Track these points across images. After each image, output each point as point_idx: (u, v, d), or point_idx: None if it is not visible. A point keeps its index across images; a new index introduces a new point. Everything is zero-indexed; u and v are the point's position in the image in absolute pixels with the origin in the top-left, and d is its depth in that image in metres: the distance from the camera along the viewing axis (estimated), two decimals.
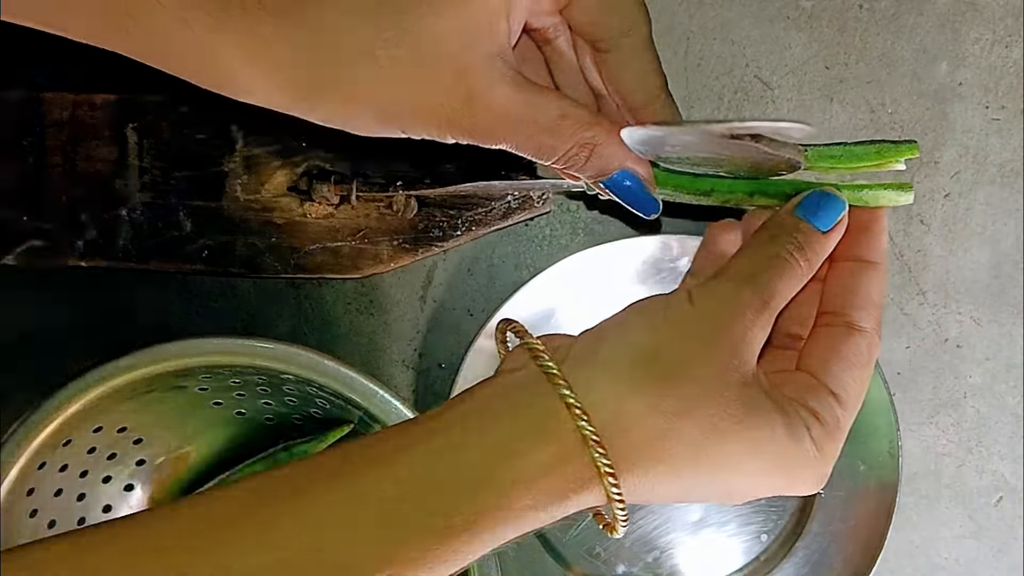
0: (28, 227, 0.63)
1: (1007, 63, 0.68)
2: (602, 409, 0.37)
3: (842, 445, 0.40)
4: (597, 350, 0.39)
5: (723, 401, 0.37)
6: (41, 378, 0.68)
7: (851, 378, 0.40)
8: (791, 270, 0.40)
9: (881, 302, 0.42)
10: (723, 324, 0.38)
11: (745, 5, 0.67)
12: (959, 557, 0.71)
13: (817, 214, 0.42)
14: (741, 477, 0.38)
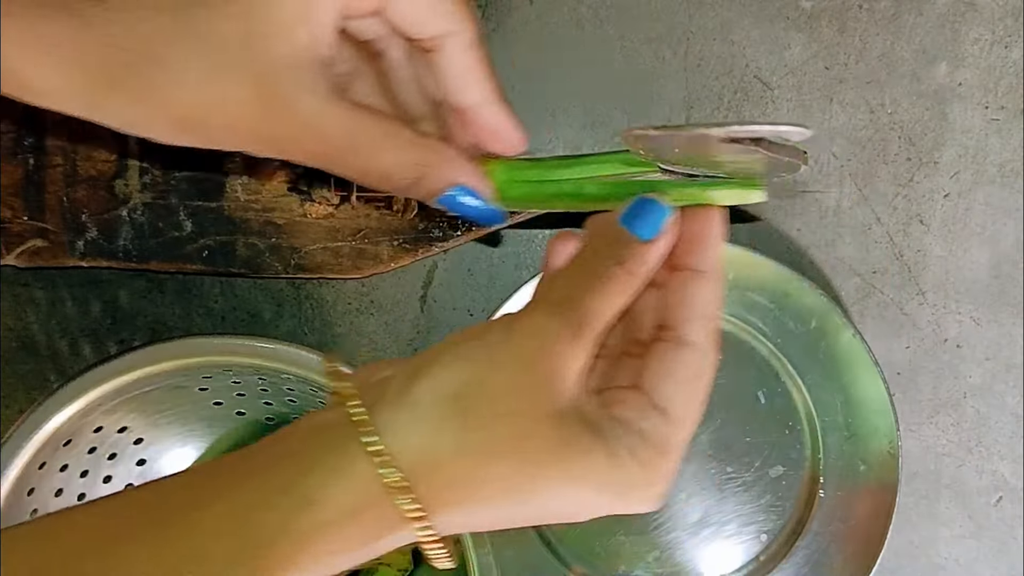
0: (29, 227, 0.63)
1: (1007, 63, 0.68)
2: (407, 452, 0.36)
3: (676, 461, 0.39)
4: (408, 389, 0.37)
5: (535, 438, 0.36)
6: (41, 378, 0.69)
7: (679, 394, 0.39)
8: (611, 287, 0.39)
9: (716, 313, 0.41)
10: (533, 358, 0.37)
11: (745, 5, 0.67)
12: (959, 557, 0.71)
13: (638, 222, 0.40)
14: (562, 505, 0.37)
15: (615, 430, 0.37)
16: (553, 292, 0.39)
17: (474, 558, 0.56)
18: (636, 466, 0.37)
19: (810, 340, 0.67)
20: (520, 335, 0.37)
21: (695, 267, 0.40)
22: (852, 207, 0.69)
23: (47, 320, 0.68)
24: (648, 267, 0.40)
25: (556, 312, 0.38)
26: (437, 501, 0.36)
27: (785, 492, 0.69)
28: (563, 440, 0.36)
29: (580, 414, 0.37)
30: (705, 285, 0.40)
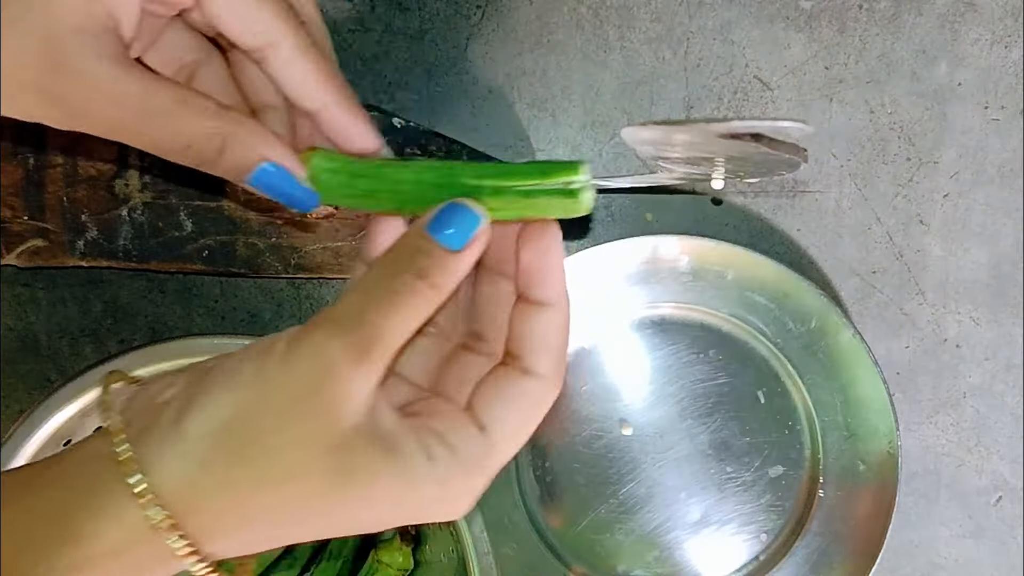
0: (29, 227, 0.63)
1: (1006, 63, 0.68)
2: (174, 489, 0.34)
3: (484, 481, 0.38)
4: (179, 419, 0.35)
5: (310, 469, 0.35)
6: (41, 378, 0.69)
7: (509, 418, 0.38)
8: (408, 303, 0.36)
9: (563, 343, 0.39)
10: (310, 385, 0.35)
11: (745, 5, 0.67)
12: (958, 557, 0.71)
13: (447, 231, 0.37)
14: (346, 526, 0.36)
15: (414, 446, 0.36)
16: (340, 307, 0.36)
17: (474, 558, 0.56)
18: (434, 485, 0.36)
19: (810, 340, 0.67)
20: (298, 358, 0.35)
21: (538, 299, 0.39)
22: (852, 207, 0.69)
23: (48, 320, 0.68)
24: (454, 279, 0.37)
25: (340, 332, 0.35)
26: (208, 535, 0.35)
27: (785, 492, 0.69)
28: (343, 471, 0.35)
29: (368, 436, 0.35)
30: (551, 317, 0.38)
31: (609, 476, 0.69)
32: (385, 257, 0.38)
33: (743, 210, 0.69)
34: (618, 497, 0.69)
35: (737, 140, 0.36)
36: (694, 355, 0.68)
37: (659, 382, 0.69)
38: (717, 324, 0.68)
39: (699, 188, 0.68)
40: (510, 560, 0.68)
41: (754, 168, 0.42)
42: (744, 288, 0.66)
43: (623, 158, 0.68)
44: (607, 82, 0.68)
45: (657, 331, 0.68)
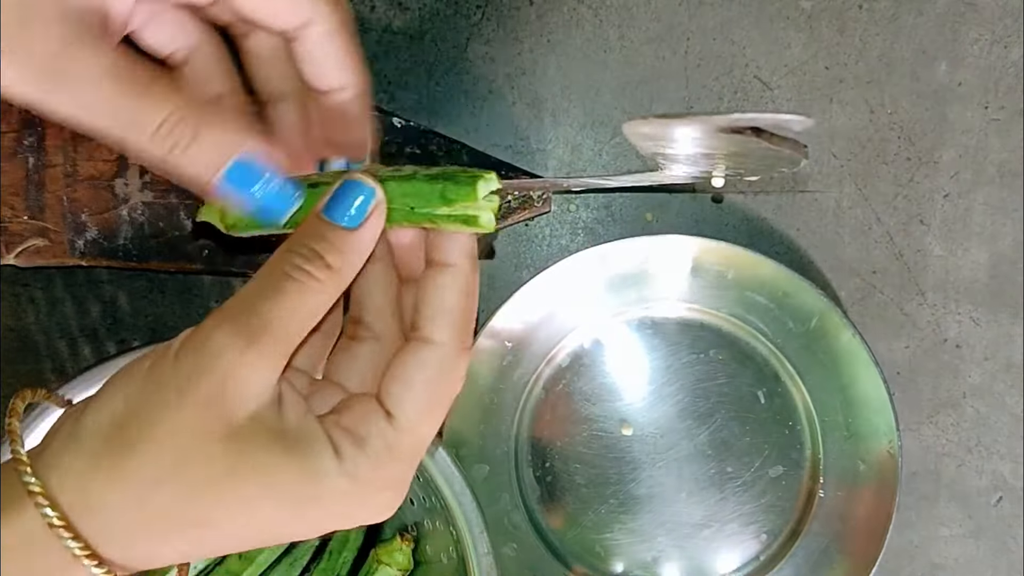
0: (29, 226, 0.63)
1: (1006, 63, 0.68)
2: (68, 490, 0.34)
3: (401, 470, 0.36)
4: (76, 422, 0.35)
5: (202, 460, 0.34)
6: (41, 378, 0.68)
7: (413, 397, 0.36)
8: (298, 289, 0.35)
9: (463, 308, 0.37)
10: (198, 375, 0.34)
11: (745, 5, 0.67)
12: (958, 557, 0.71)
13: (339, 209, 0.36)
14: (254, 529, 0.35)
15: (321, 444, 0.35)
16: (232, 299, 0.35)
17: (474, 558, 0.56)
18: (343, 480, 0.35)
19: (810, 340, 0.67)
20: (185, 350, 0.34)
21: (440, 260, 0.37)
22: (852, 207, 0.69)
23: (47, 320, 0.68)
24: (354, 260, 0.36)
25: (226, 321, 0.34)
26: (106, 536, 0.34)
27: (785, 492, 0.69)
28: (238, 460, 0.34)
29: (269, 430, 0.35)
30: (451, 278, 0.37)
31: (609, 476, 0.69)
32: (282, 245, 0.37)
33: (743, 210, 0.69)
34: (618, 497, 0.69)
35: (738, 135, 0.36)
36: (694, 355, 0.68)
37: (659, 382, 0.69)
38: (717, 324, 0.68)
39: (699, 187, 0.68)
40: (510, 560, 0.67)
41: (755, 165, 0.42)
42: (744, 288, 0.66)
43: (623, 158, 0.68)
44: (607, 82, 0.68)
45: (657, 331, 0.68)
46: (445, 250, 0.37)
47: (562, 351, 0.68)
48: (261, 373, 0.34)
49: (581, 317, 0.67)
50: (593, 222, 0.69)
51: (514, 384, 0.68)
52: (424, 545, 0.64)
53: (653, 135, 0.39)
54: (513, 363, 0.67)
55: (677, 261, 0.66)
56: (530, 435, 0.69)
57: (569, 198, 0.68)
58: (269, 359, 0.35)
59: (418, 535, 0.65)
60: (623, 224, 0.69)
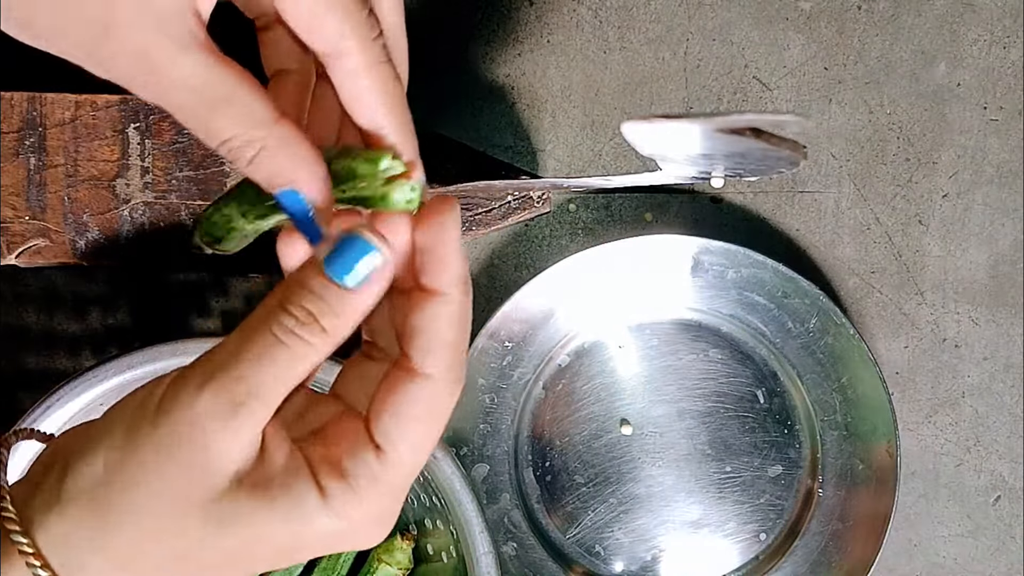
0: (30, 227, 0.63)
1: (1005, 64, 0.68)
2: (54, 552, 0.33)
3: (388, 503, 0.35)
4: (60, 479, 0.34)
5: (183, 526, 0.33)
6: (43, 378, 0.69)
7: (401, 433, 0.35)
8: (288, 354, 0.33)
9: (456, 340, 0.35)
10: (176, 442, 0.33)
11: (744, 6, 0.67)
12: (957, 556, 0.71)
13: (341, 266, 0.34)
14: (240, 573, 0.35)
15: (304, 485, 0.34)
16: (218, 353, 0.34)
17: (474, 558, 0.56)
18: (329, 519, 0.34)
19: (809, 340, 0.67)
20: (165, 412, 0.33)
21: (430, 286, 0.35)
22: (851, 207, 0.69)
23: (47, 320, 0.68)
24: (348, 321, 0.34)
25: (210, 384, 0.33)
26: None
27: (784, 491, 0.69)
28: (221, 523, 0.33)
29: (249, 485, 0.34)
30: (441, 309, 0.35)
31: (609, 476, 0.69)
32: (271, 296, 0.35)
33: (742, 210, 0.69)
34: (618, 497, 0.69)
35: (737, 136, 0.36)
36: (693, 355, 0.69)
37: (659, 382, 0.69)
38: (716, 324, 0.68)
39: (699, 188, 0.68)
40: (510, 560, 0.68)
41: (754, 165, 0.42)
42: (743, 288, 0.67)
43: (623, 158, 0.68)
44: (607, 82, 0.68)
45: (657, 331, 0.68)
46: (435, 276, 0.35)
47: (562, 351, 0.68)
48: (245, 437, 0.33)
49: (581, 317, 0.68)
50: (593, 222, 0.69)
51: (514, 384, 0.68)
52: (424, 544, 0.64)
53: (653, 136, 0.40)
54: (513, 363, 0.67)
55: (676, 261, 0.66)
56: (530, 435, 0.69)
57: (569, 198, 0.69)
58: (254, 424, 0.33)
59: (418, 534, 0.65)
60: (623, 224, 0.69)
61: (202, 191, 0.63)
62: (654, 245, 0.65)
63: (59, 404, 0.56)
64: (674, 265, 0.66)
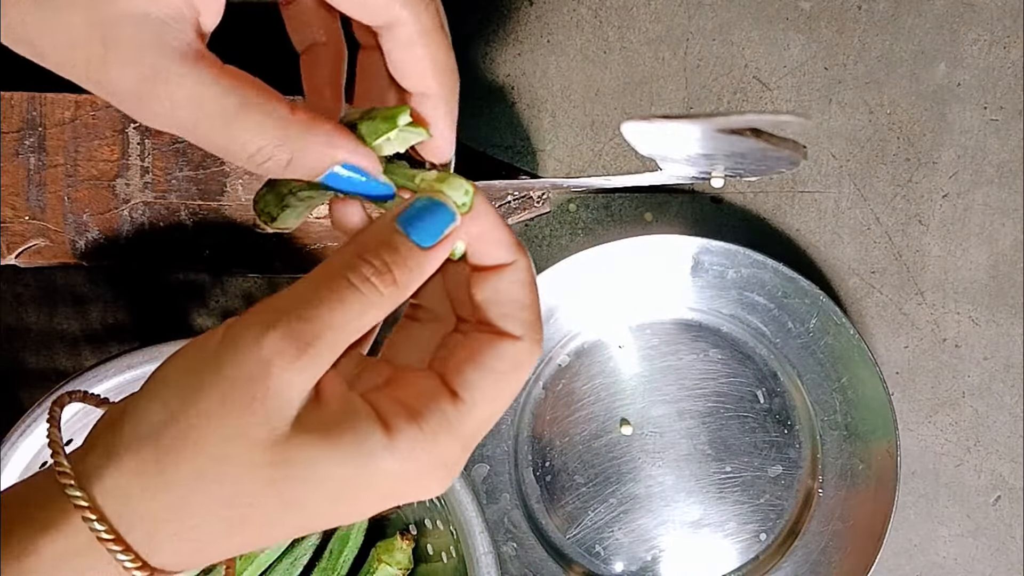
0: (30, 226, 0.63)
1: (1005, 64, 0.68)
2: (112, 502, 0.33)
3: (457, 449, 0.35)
4: (114, 430, 0.34)
5: (246, 467, 0.33)
6: (43, 377, 0.69)
7: (484, 382, 0.36)
8: (359, 300, 0.34)
9: (532, 300, 0.37)
10: (240, 381, 0.33)
11: (744, 6, 0.67)
12: (957, 556, 0.71)
13: (417, 225, 0.36)
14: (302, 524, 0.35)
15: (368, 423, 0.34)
16: (285, 296, 0.34)
17: (474, 557, 0.56)
18: (393, 457, 0.34)
19: (809, 340, 0.67)
20: (229, 352, 0.33)
21: (494, 262, 0.37)
22: (851, 207, 0.69)
23: (47, 320, 0.68)
24: (418, 277, 0.35)
25: (277, 325, 0.33)
26: (153, 546, 0.34)
27: (784, 491, 0.69)
28: (282, 465, 0.33)
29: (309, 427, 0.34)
30: (512, 277, 0.37)
31: (609, 476, 0.69)
32: (347, 246, 0.36)
33: (742, 210, 0.69)
34: (618, 497, 0.69)
35: (737, 136, 0.36)
36: (693, 355, 0.69)
37: (659, 382, 0.69)
38: (716, 324, 0.68)
39: (698, 188, 0.68)
40: (510, 560, 0.68)
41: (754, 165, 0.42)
42: (743, 288, 0.67)
43: (623, 158, 0.68)
44: (607, 82, 0.68)
45: (657, 331, 0.68)
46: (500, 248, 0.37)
47: (562, 351, 0.68)
48: (307, 380, 0.33)
49: (581, 317, 0.68)
50: (593, 222, 0.69)
51: None
52: (424, 544, 0.64)
53: (653, 136, 0.40)
54: None
55: (677, 261, 0.66)
56: (530, 435, 0.69)
57: (569, 198, 0.69)
58: (317, 368, 0.34)
59: (418, 534, 0.65)
60: (623, 224, 0.69)
61: (202, 191, 0.63)
62: (654, 245, 0.65)
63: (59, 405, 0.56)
64: (674, 265, 0.66)
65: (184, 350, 0.35)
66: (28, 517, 0.34)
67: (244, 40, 0.65)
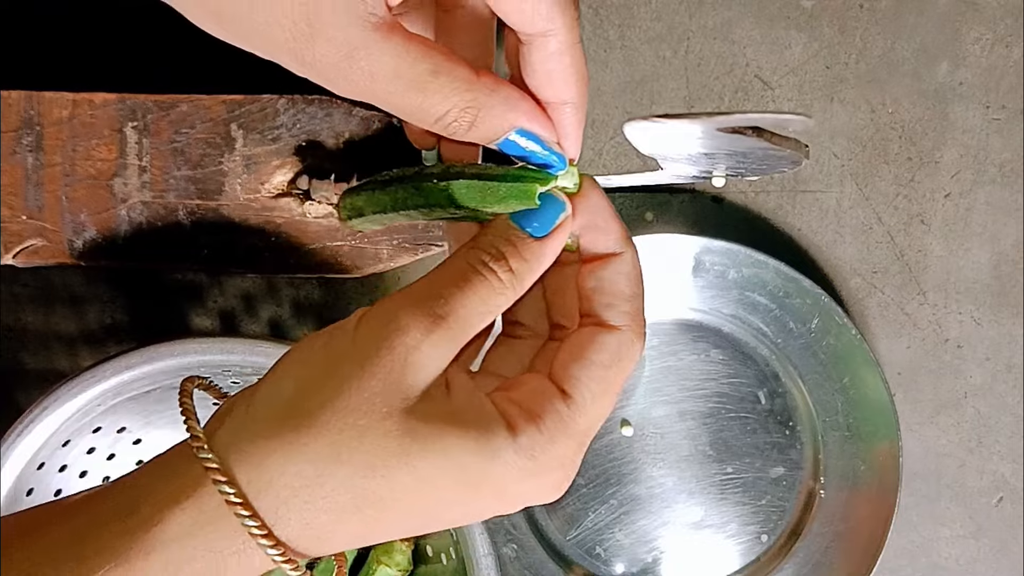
0: (27, 226, 0.63)
1: (1007, 63, 0.68)
2: (245, 468, 0.34)
3: (574, 448, 0.36)
4: (250, 401, 0.36)
5: (380, 434, 0.34)
6: (41, 378, 0.68)
7: (589, 377, 0.37)
8: (482, 284, 0.36)
9: (636, 292, 0.38)
10: (377, 351, 0.35)
11: (745, 5, 0.67)
12: (959, 557, 0.71)
13: (529, 218, 0.38)
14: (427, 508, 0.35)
15: (494, 419, 0.35)
16: (416, 284, 0.37)
17: (474, 559, 0.56)
18: (518, 456, 0.35)
19: (811, 340, 0.67)
20: (367, 326, 0.35)
21: (604, 250, 0.39)
22: (853, 207, 0.69)
23: (45, 320, 0.68)
24: (536, 266, 0.38)
25: (412, 303, 0.35)
26: (282, 516, 0.34)
27: (785, 492, 0.69)
28: (415, 436, 0.34)
29: (439, 408, 0.35)
30: (618, 266, 0.39)
31: (609, 476, 0.69)
32: (467, 243, 0.38)
33: (743, 210, 0.69)
34: (618, 497, 0.69)
35: (739, 135, 0.36)
36: (694, 355, 0.68)
37: (659, 382, 0.68)
38: (717, 324, 0.68)
39: (699, 187, 0.68)
40: (511, 562, 0.67)
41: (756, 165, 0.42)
42: (745, 288, 0.66)
43: (624, 158, 0.68)
44: (607, 82, 0.67)
45: (658, 331, 0.68)
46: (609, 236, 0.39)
47: None
48: (438, 356, 0.35)
49: None
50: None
51: None
52: (424, 546, 0.64)
53: (653, 135, 0.39)
54: None
55: (677, 261, 0.66)
56: None
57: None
58: (447, 344, 0.35)
59: (418, 536, 0.64)
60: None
61: (200, 190, 0.63)
62: (655, 245, 0.65)
63: (57, 404, 0.56)
64: (675, 265, 0.66)
65: (316, 334, 0.36)
66: (158, 490, 0.35)
67: None
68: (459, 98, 0.37)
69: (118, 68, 0.66)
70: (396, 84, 0.36)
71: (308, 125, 0.62)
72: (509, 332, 0.42)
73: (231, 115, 0.63)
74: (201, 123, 0.63)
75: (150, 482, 0.35)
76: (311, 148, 0.63)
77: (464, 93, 0.37)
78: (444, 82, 0.37)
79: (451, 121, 0.37)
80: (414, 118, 0.38)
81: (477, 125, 0.38)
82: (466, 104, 0.37)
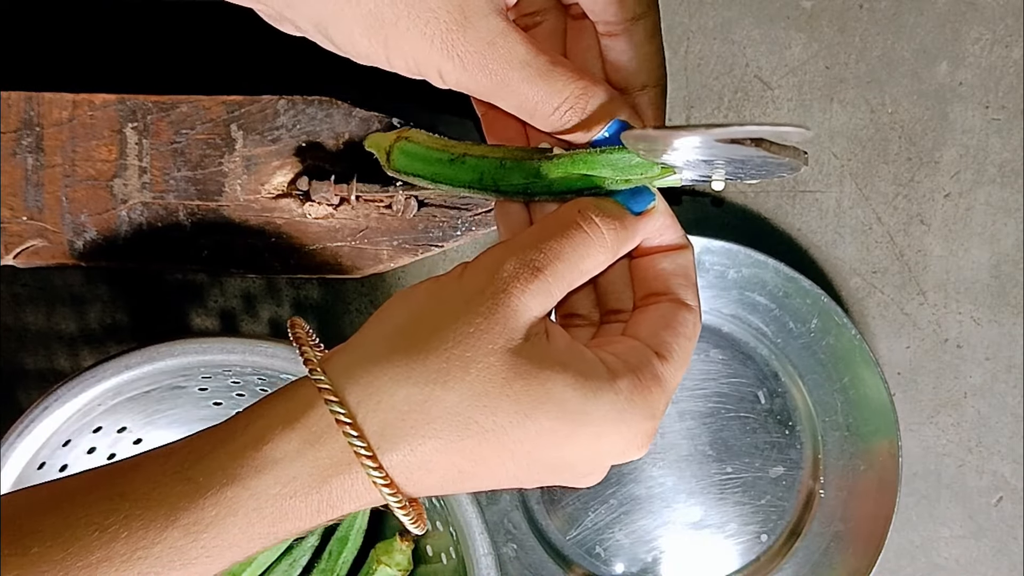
0: (28, 227, 0.63)
1: (1007, 63, 0.67)
2: (355, 389, 0.36)
3: (664, 402, 0.38)
4: (361, 332, 0.38)
5: (484, 366, 0.36)
6: (41, 378, 0.68)
7: (678, 343, 0.40)
8: (585, 240, 0.38)
9: (696, 280, 0.42)
10: (483, 292, 0.36)
11: (745, 5, 0.67)
12: (959, 557, 0.71)
13: (626, 195, 0.41)
14: (527, 450, 0.36)
15: (594, 363, 0.37)
16: (520, 236, 0.39)
17: (474, 559, 0.56)
18: (617, 398, 0.37)
19: (810, 340, 0.67)
20: (472, 271, 0.38)
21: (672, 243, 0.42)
22: (852, 207, 0.69)
23: (46, 320, 0.68)
24: (629, 237, 0.40)
25: (516, 251, 0.37)
26: (385, 441, 0.35)
27: (785, 492, 0.69)
28: (517, 370, 0.36)
29: (540, 349, 0.37)
30: (687, 255, 0.42)
31: (609, 476, 0.68)
32: (568, 203, 0.40)
33: (743, 210, 0.69)
34: (618, 498, 0.69)
35: (738, 144, 0.36)
36: (695, 355, 0.68)
37: None
38: (718, 324, 0.68)
39: (699, 188, 0.68)
40: (510, 561, 0.67)
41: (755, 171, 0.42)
42: (744, 288, 0.66)
43: None
44: None
45: None
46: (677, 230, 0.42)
47: None
48: (538, 303, 0.37)
49: None
50: None
51: None
52: (424, 545, 0.64)
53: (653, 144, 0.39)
54: None
55: None
56: None
57: None
58: (546, 294, 0.37)
59: (418, 535, 0.65)
60: None
61: (200, 191, 0.63)
62: None
63: (58, 404, 0.56)
64: None
65: (413, 286, 0.39)
66: (268, 414, 0.37)
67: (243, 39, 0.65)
68: (575, 86, 0.39)
69: (118, 68, 0.66)
70: (527, 71, 0.39)
71: (308, 126, 0.62)
72: (566, 324, 0.44)
73: (231, 116, 0.63)
74: (201, 124, 0.63)
75: (260, 408, 0.37)
76: (311, 149, 0.63)
77: (578, 82, 0.39)
78: (562, 72, 0.39)
79: (567, 109, 0.40)
80: (535, 106, 0.40)
81: (587, 113, 0.40)
82: (581, 91, 0.39)
